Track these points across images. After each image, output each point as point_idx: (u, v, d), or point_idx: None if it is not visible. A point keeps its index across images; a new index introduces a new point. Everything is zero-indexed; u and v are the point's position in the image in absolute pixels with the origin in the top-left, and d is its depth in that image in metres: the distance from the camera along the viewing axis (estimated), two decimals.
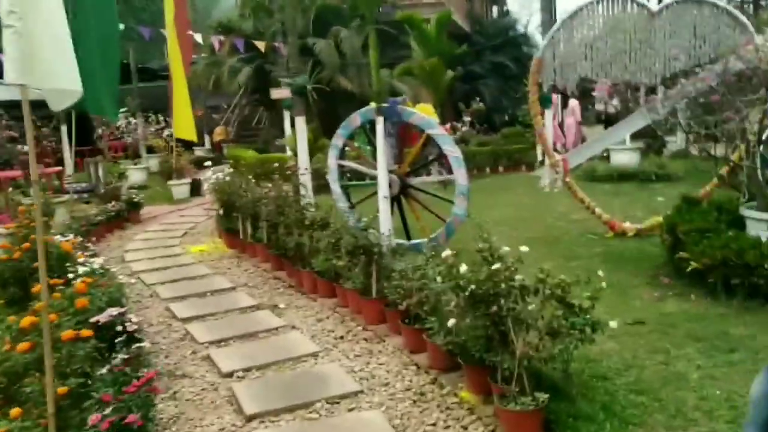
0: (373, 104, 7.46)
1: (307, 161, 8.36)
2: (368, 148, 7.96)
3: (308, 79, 7.50)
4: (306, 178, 7.59)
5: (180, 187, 13.99)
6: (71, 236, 7.25)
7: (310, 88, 7.64)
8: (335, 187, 7.99)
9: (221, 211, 8.69)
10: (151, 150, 18.16)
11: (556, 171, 7.91)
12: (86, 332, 3.91)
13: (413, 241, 7.55)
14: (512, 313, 3.46)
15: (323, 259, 6.07)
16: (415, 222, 7.68)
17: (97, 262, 5.63)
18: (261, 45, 16.51)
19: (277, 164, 13.44)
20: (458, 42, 20.50)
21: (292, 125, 10.56)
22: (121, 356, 3.88)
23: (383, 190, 6.91)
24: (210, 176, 8.75)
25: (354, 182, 8.15)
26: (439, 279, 4.14)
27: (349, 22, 19.00)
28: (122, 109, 17.37)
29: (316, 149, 12.54)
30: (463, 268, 3.81)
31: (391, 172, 7.26)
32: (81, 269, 5.41)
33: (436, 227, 7.54)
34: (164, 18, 14.28)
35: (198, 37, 15.30)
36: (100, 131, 16.83)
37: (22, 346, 3.68)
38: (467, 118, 18.55)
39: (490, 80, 24.46)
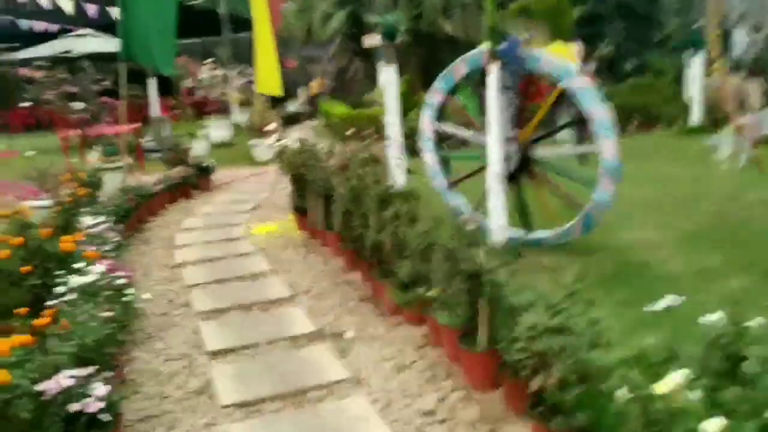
0: (484, 45, 5.44)
1: (398, 124, 6.51)
2: (475, 107, 5.94)
3: (402, 18, 5.47)
4: (395, 150, 5.73)
5: (262, 148, 12.50)
6: (101, 218, 5.82)
7: (404, 27, 5.60)
8: (429, 158, 6.08)
9: (291, 185, 7.02)
10: (245, 104, 16.93)
11: (743, 139, 5.58)
12: None
13: (534, 235, 5.57)
14: None
15: (409, 269, 4.24)
16: (538, 207, 5.69)
17: (98, 270, 4.06)
18: None
19: (366, 123, 11.66)
20: None
21: None
22: None
23: (496, 165, 4.98)
24: (272, 141, 7.07)
25: (456, 154, 6.20)
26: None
27: None
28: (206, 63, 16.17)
29: (412, 105, 10.62)
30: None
31: (507, 140, 5.27)
32: (72, 281, 3.88)
33: (566, 216, 5.54)
34: None
35: None
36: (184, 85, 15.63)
37: None
38: (591, 66, 15.85)
39: (616, 22, 21.34)
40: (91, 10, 15.26)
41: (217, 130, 15.10)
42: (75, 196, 6.58)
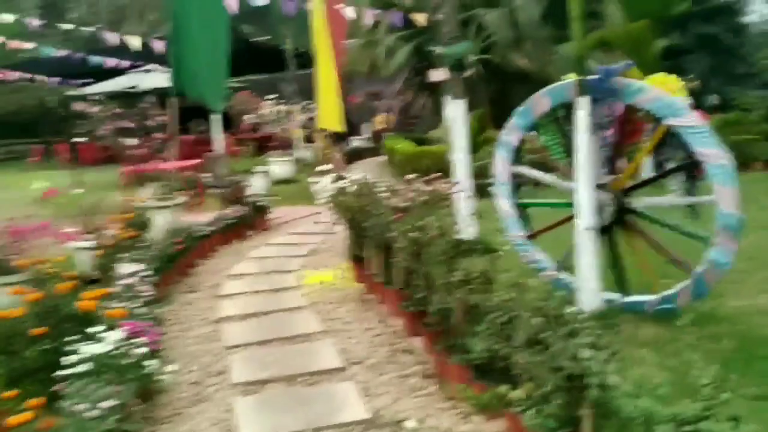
0: (571, 76, 4.69)
1: (467, 163, 5.83)
2: (559, 147, 5.16)
3: (470, 46, 4.80)
4: (463, 197, 5.01)
5: (321, 186, 11.95)
6: (140, 266, 5.31)
7: (473, 59, 4.96)
8: (504, 205, 5.31)
9: (347, 231, 6.37)
10: (310, 140, 16.65)
11: None
12: None
13: (631, 298, 4.71)
14: None
15: (484, 347, 3.47)
16: (635, 266, 4.83)
17: (115, 338, 3.47)
18: (421, 17, 14.07)
19: (430, 160, 10.99)
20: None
21: None
22: None
23: (586, 217, 4.21)
24: (326, 182, 6.46)
25: (535, 201, 5.42)
26: None
27: None
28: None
29: (481, 142, 9.89)
30: None
31: (600, 186, 4.47)
32: (83, 350, 3.30)
33: (671, 275, 4.68)
34: None
35: (350, 11, 13.16)
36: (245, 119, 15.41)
37: None
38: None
39: (698, 55, 20.13)
40: (158, 46, 15.28)
41: (278, 166, 14.75)
42: (117, 238, 6.14)
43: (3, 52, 25.30)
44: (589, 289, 4.40)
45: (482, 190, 6.41)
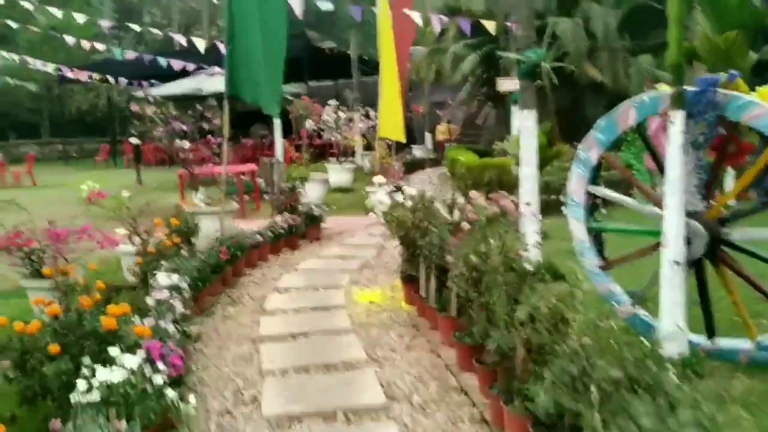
0: (663, 88, 4.11)
1: (535, 179, 5.30)
2: (644, 167, 4.56)
3: (546, 55, 4.34)
4: (530, 217, 4.48)
5: (377, 197, 11.56)
6: (179, 277, 5.00)
7: (548, 67, 4.50)
8: (578, 229, 4.74)
9: (399, 248, 5.92)
10: (369, 148, 16.35)
11: None
12: None
13: (724, 345, 4.07)
14: None
15: (551, 400, 2.94)
16: (727, 304, 4.19)
17: (134, 362, 3.11)
18: (491, 25, 13.54)
19: (494, 173, 10.43)
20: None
21: None
22: None
23: (673, 248, 3.64)
24: (382, 194, 6.02)
25: (613, 226, 4.83)
26: None
27: None
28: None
29: (550, 156, 9.28)
30: None
31: (691, 214, 3.86)
32: (98, 374, 2.96)
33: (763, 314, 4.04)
34: None
35: (416, 17, 12.73)
36: (306, 125, 15.17)
37: None
38: None
39: None
40: (224, 49, 15.24)
41: (336, 173, 14.45)
42: (160, 246, 5.86)
43: (78, 53, 26.24)
44: (674, 331, 3.81)
45: (549, 207, 5.88)
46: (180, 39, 14.70)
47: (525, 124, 5.82)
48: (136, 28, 16.37)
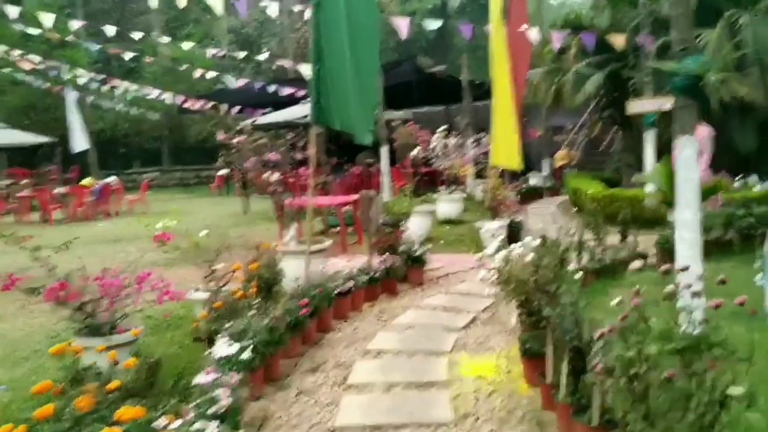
0: None
1: (697, 227, 4.05)
2: None
3: (712, 63, 2.85)
4: (690, 287, 3.13)
5: (490, 235, 10.31)
6: (241, 345, 4.07)
7: (715, 80, 3.04)
8: None
9: (517, 313, 4.69)
10: (481, 176, 15.21)
11: None
12: None
13: None
14: None
15: None
16: None
17: None
18: (619, 39, 12.05)
19: (627, 207, 8.88)
20: None
21: (660, 153, 6.21)
22: None
23: None
24: (492, 250, 4.81)
25: None
26: None
27: (750, 3, 13.23)
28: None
29: (704, 192, 7.68)
30: None
31: None
32: None
33: None
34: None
35: (535, 32, 11.46)
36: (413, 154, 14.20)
37: None
38: None
39: None
40: (311, 70, 14.77)
41: (444, 204, 13.34)
42: (229, 298, 5.00)
43: (201, 83, 27.03)
44: None
45: (707, 245, 4.51)
46: (289, 65, 14.34)
47: (685, 154, 4.53)
48: (240, 54, 16.24)
